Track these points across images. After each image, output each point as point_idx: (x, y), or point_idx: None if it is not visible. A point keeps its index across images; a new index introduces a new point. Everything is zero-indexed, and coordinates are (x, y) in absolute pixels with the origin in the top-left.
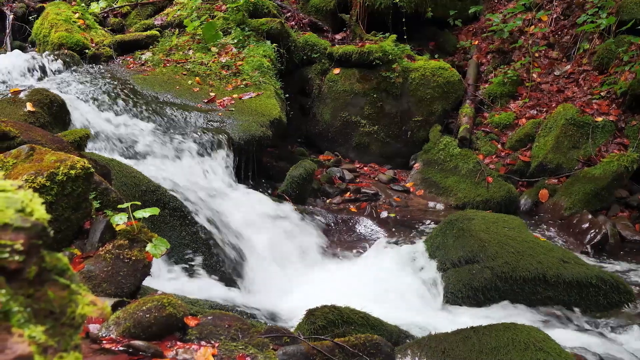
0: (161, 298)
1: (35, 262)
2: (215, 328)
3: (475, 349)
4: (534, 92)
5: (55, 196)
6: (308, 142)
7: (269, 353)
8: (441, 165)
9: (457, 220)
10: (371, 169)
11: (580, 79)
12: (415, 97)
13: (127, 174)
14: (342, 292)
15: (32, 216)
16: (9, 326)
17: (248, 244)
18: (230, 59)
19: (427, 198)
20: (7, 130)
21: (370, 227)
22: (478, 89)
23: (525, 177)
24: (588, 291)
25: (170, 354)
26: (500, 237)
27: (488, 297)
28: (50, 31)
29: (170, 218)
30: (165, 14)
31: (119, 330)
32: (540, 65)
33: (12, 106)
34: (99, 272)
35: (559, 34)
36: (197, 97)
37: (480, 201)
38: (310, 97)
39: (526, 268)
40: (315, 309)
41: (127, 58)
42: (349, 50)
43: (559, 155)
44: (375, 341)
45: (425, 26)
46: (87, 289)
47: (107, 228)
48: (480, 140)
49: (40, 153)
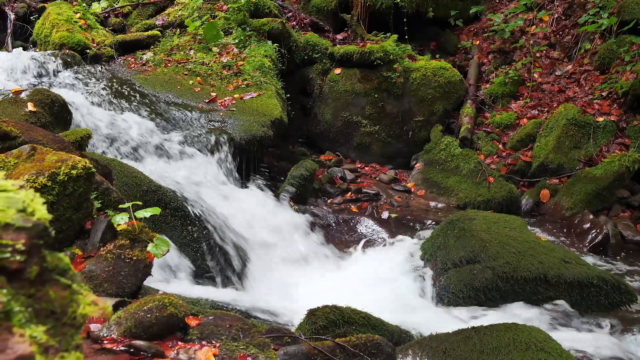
0: (162, 298)
1: (37, 262)
2: (217, 328)
3: (477, 349)
4: (535, 92)
5: (57, 196)
6: (309, 142)
7: (270, 353)
8: (442, 165)
9: (459, 221)
10: (372, 169)
11: (582, 79)
12: (416, 97)
13: (128, 174)
14: (343, 292)
15: (33, 216)
16: (10, 326)
17: (249, 244)
18: (232, 59)
19: (429, 198)
20: (8, 130)
21: (371, 227)
22: (479, 89)
23: (527, 177)
24: (589, 291)
25: (172, 354)
26: (502, 237)
27: (489, 297)
28: (52, 31)
29: (171, 218)
30: (166, 14)
31: (120, 330)
32: (541, 65)
33: (14, 106)
34: (100, 272)
35: (560, 34)
36: (199, 97)
37: (482, 201)
38: (311, 97)
39: (527, 268)
40: (316, 309)
41: (128, 58)
42: (350, 50)
43: (560, 155)
44: (376, 341)
45: (427, 26)
46: (88, 289)
47: (109, 228)
48: (481, 140)
49: (41, 153)
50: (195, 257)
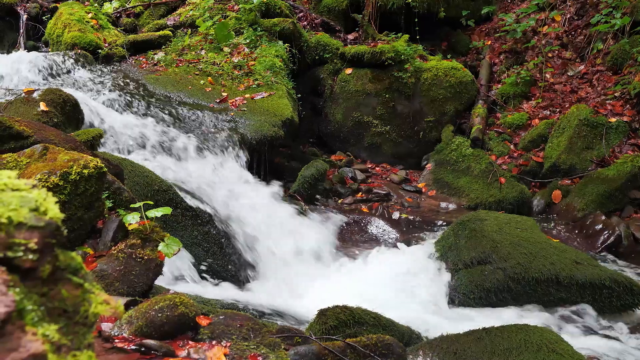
0: (173, 297)
1: (49, 261)
2: (227, 327)
3: (488, 350)
4: (547, 93)
5: (69, 195)
6: (320, 142)
7: (280, 353)
8: (453, 165)
9: (470, 221)
10: (383, 169)
11: (594, 79)
12: (427, 98)
13: (139, 174)
14: (353, 293)
15: (46, 215)
16: (23, 324)
17: (260, 244)
18: (243, 59)
19: (439, 199)
20: (20, 129)
21: (381, 228)
22: (491, 89)
23: (538, 177)
24: (601, 293)
25: (182, 353)
26: (513, 238)
27: (500, 298)
28: (64, 31)
29: (182, 217)
30: (177, 14)
31: (131, 329)
32: (553, 65)
33: (26, 105)
34: (112, 271)
35: (572, 34)
36: (210, 97)
37: (493, 202)
38: (322, 97)
39: (539, 269)
40: (327, 309)
41: (139, 58)
42: (361, 50)
43: (572, 156)
44: (386, 342)
45: (438, 26)
46: (100, 288)
47: (120, 227)
48: (492, 140)
49: (53, 152)
50: (206, 256)
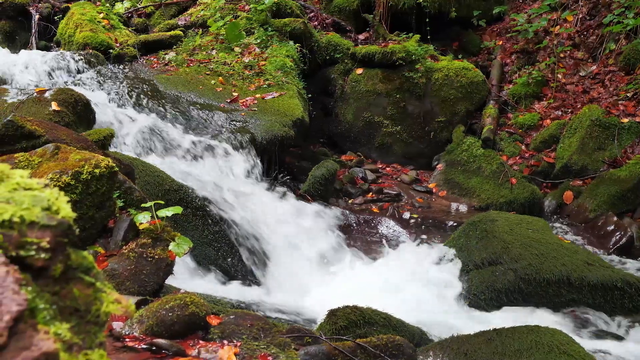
0: (184, 297)
1: (61, 260)
2: (238, 327)
3: (498, 352)
4: (559, 93)
5: (80, 195)
6: (330, 142)
7: (290, 353)
8: (464, 166)
9: (481, 222)
10: (394, 170)
11: (606, 80)
12: (438, 98)
13: (150, 173)
14: (364, 293)
15: (58, 214)
16: (35, 323)
17: (270, 244)
18: (253, 59)
19: (450, 199)
20: (32, 129)
21: (392, 228)
22: (502, 89)
23: (550, 178)
24: (613, 294)
25: (193, 352)
26: (524, 238)
27: (511, 299)
28: (75, 31)
29: (193, 217)
30: (188, 14)
31: (142, 328)
32: (565, 65)
33: (38, 105)
34: (123, 271)
35: (584, 34)
36: (220, 96)
37: (504, 202)
38: (332, 97)
39: (550, 270)
40: (337, 310)
41: (150, 58)
42: (372, 50)
43: (584, 156)
44: (397, 342)
45: (449, 26)
46: (111, 287)
47: (131, 227)
48: (504, 141)
49: (65, 152)
50: (217, 256)
